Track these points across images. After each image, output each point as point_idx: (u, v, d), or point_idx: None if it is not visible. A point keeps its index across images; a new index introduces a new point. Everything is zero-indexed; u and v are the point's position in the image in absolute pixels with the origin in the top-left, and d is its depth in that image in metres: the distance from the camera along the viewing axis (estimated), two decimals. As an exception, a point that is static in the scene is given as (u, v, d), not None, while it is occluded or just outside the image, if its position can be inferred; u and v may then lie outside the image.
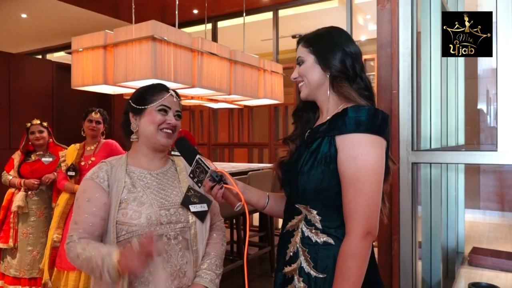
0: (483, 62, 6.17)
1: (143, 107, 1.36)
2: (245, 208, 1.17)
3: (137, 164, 1.38)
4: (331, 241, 1.08)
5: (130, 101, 1.41)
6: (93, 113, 2.94)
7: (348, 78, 1.14)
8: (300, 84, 1.21)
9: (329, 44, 1.15)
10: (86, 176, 1.35)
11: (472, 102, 6.24)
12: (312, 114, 1.26)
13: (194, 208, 1.35)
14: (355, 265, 1.01)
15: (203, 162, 1.19)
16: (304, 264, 1.10)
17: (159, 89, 1.40)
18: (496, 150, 1.46)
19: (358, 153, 1.03)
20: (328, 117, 1.13)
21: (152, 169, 1.39)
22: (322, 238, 1.09)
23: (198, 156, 1.20)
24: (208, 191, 1.19)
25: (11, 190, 3.11)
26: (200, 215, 1.36)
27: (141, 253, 1.15)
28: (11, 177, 3.09)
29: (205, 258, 1.38)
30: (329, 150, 1.07)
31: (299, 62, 1.20)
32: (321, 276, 1.07)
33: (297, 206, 1.14)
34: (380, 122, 1.06)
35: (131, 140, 1.40)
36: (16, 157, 3.17)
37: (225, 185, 1.19)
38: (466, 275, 2.69)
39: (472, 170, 6.24)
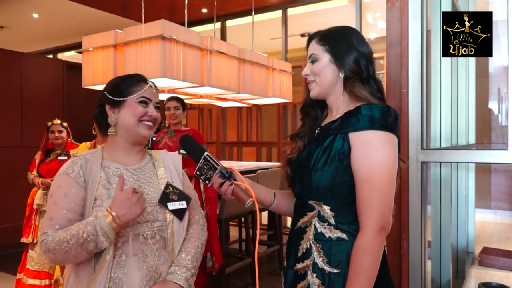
0: (495, 61, 6.09)
1: (122, 99, 1.29)
2: (255, 204, 1.18)
3: (113, 159, 1.31)
4: (344, 236, 1.09)
5: (105, 92, 1.34)
6: None
7: (361, 79, 1.15)
8: (310, 83, 1.21)
9: (345, 44, 1.16)
10: (60, 171, 1.27)
11: (483, 101, 6.16)
12: (320, 111, 1.26)
13: (172, 206, 1.30)
14: (369, 260, 1.03)
15: (212, 159, 1.17)
16: (318, 260, 1.10)
17: (137, 80, 1.33)
18: (507, 149, 1.45)
19: (373, 150, 1.04)
20: (339, 115, 1.14)
21: (129, 164, 1.33)
22: (336, 234, 1.10)
23: (206, 153, 1.18)
24: (218, 188, 1.18)
25: (35, 188, 3.22)
26: (179, 213, 1.31)
27: (132, 194, 1.16)
28: (33, 177, 3.21)
29: (179, 255, 1.32)
30: (342, 146, 1.08)
31: (313, 59, 1.19)
32: (335, 271, 1.09)
33: (310, 202, 1.15)
34: (392, 120, 1.07)
35: (109, 133, 1.33)
36: (37, 156, 3.30)
37: (234, 182, 1.18)
38: (476, 275, 2.67)
39: (483, 170, 6.17)
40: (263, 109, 5.92)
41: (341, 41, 1.16)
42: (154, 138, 3.48)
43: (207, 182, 1.18)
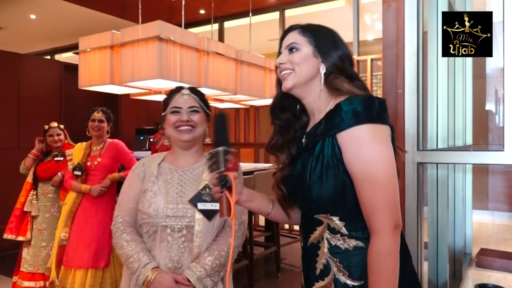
0: (492, 62, 6.11)
1: (163, 113, 1.53)
2: (232, 217, 1.08)
3: (171, 160, 1.53)
4: (361, 244, 1.02)
5: (162, 113, 1.57)
6: (96, 112, 2.97)
7: (346, 77, 1.08)
8: (285, 72, 1.10)
9: (330, 40, 1.10)
10: (131, 169, 1.58)
11: (480, 102, 6.18)
12: (291, 114, 1.18)
13: (202, 206, 1.40)
14: (391, 262, 0.96)
15: (222, 157, 1.07)
16: (339, 275, 1.03)
17: (173, 93, 1.54)
18: (503, 150, 1.45)
19: (363, 146, 0.96)
20: (321, 117, 1.06)
21: (182, 166, 1.51)
22: (351, 244, 1.03)
23: (223, 148, 1.07)
24: (211, 185, 1.11)
25: (22, 192, 3.24)
26: (208, 214, 1.39)
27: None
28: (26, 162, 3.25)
29: (203, 253, 1.39)
30: (333, 151, 1.00)
31: (292, 48, 1.10)
32: (357, 284, 1.02)
33: (316, 217, 1.08)
34: (377, 109, 0.99)
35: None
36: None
37: (226, 192, 1.08)
38: (473, 276, 2.66)
39: (481, 171, 6.18)
40: (260, 111, 5.91)
41: (326, 36, 1.11)
42: (151, 139, 3.47)
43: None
